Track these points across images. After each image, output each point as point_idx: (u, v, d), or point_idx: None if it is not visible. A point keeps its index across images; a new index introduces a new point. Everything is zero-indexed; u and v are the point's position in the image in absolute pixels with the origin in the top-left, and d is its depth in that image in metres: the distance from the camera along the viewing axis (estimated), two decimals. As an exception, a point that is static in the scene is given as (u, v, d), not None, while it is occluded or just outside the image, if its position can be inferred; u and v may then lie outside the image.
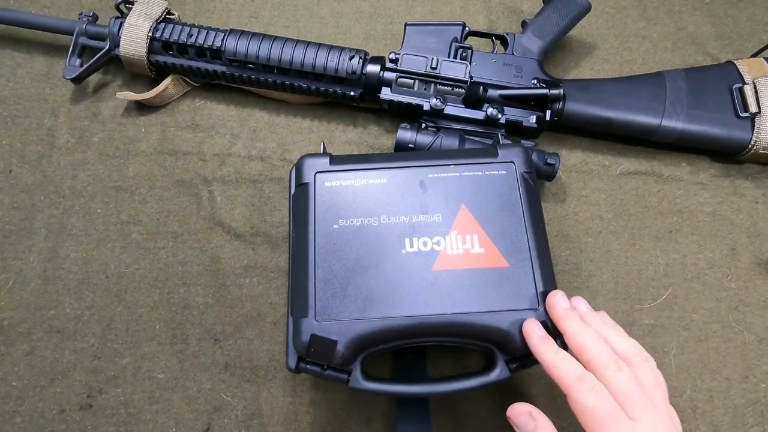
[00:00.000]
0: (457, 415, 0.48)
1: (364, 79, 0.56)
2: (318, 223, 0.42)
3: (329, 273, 0.40)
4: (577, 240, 0.55)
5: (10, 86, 0.62)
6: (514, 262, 0.40)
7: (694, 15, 0.66)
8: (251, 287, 0.53)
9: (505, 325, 0.38)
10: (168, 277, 0.54)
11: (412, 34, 0.56)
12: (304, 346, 0.38)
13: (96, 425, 0.48)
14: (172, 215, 0.56)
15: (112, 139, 0.60)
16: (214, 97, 0.62)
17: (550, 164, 0.52)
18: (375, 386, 0.40)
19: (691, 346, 0.51)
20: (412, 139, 0.53)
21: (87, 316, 0.52)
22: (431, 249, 0.41)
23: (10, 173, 0.58)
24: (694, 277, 0.53)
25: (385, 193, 0.43)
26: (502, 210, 0.42)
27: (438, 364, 0.50)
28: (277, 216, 0.56)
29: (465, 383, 0.40)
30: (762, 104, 0.54)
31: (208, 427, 0.48)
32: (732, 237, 0.55)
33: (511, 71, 0.57)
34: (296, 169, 0.45)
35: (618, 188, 0.57)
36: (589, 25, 0.65)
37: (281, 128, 0.61)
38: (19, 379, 0.50)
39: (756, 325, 0.52)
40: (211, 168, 0.58)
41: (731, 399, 0.49)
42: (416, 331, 0.39)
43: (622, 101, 0.55)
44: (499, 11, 0.67)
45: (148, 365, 0.50)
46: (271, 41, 0.56)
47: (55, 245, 0.55)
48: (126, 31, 0.57)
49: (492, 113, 0.54)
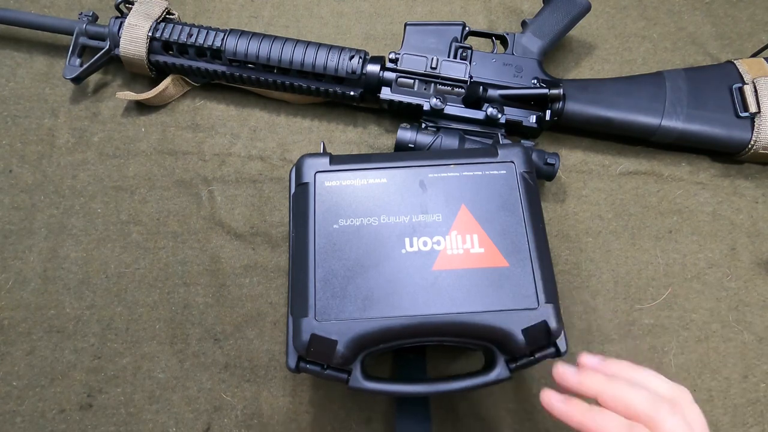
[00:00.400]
0: (457, 415, 0.48)
1: (364, 79, 0.56)
2: (318, 222, 0.42)
3: (329, 273, 0.40)
4: (577, 240, 0.55)
5: (10, 86, 0.62)
6: (514, 262, 0.40)
7: (694, 15, 0.66)
8: (251, 287, 0.53)
9: (505, 324, 0.38)
10: (168, 276, 0.54)
11: (412, 34, 0.56)
12: (304, 345, 0.38)
13: (96, 425, 0.48)
14: (172, 215, 0.56)
15: (112, 139, 0.60)
16: (214, 97, 0.62)
17: (550, 164, 0.52)
18: (375, 386, 0.40)
19: (691, 346, 0.51)
20: (412, 139, 0.53)
21: (87, 315, 0.52)
22: (431, 249, 0.41)
23: (10, 173, 0.58)
24: (694, 277, 0.53)
25: (385, 193, 0.43)
26: (502, 210, 0.42)
27: (438, 364, 0.50)
28: (277, 216, 0.56)
29: (465, 383, 0.40)
30: (762, 104, 0.54)
31: (208, 426, 0.48)
32: (732, 237, 0.55)
33: (511, 71, 0.57)
34: (296, 168, 0.45)
35: (618, 188, 0.57)
36: (589, 25, 0.65)
37: (281, 128, 0.61)
38: (19, 378, 0.50)
39: (756, 325, 0.52)
40: (211, 168, 0.58)
41: (731, 398, 0.49)
42: (416, 331, 0.39)
43: (622, 101, 0.55)
44: (499, 11, 0.67)
45: (148, 365, 0.50)
46: (271, 41, 0.56)
47: (55, 245, 0.55)
48: (126, 31, 0.57)
49: (492, 113, 0.54)
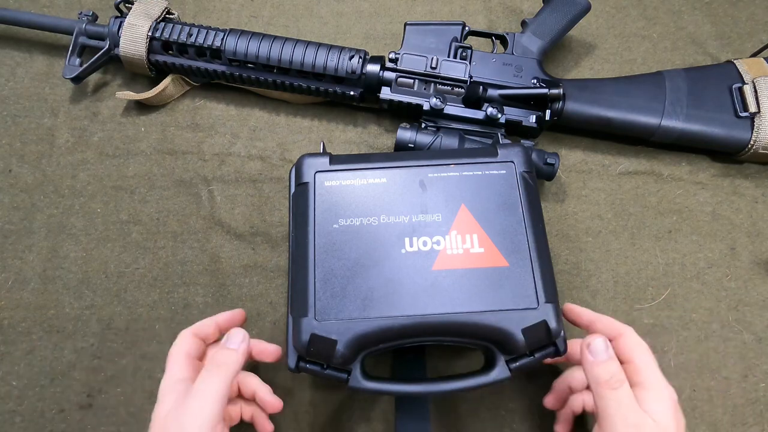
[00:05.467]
0: (457, 415, 0.48)
1: (363, 79, 0.56)
2: (318, 222, 0.42)
3: (329, 272, 0.40)
4: (576, 239, 0.55)
5: (10, 86, 0.62)
6: (514, 262, 0.40)
7: (694, 15, 0.66)
8: (251, 287, 0.53)
9: (504, 324, 0.38)
10: (168, 276, 0.54)
11: (411, 33, 0.56)
12: (303, 345, 0.38)
13: (96, 425, 0.48)
14: (172, 215, 0.56)
15: (111, 138, 0.60)
16: (213, 96, 0.62)
17: (550, 164, 0.52)
18: (375, 385, 0.40)
19: (690, 346, 0.51)
20: (412, 138, 0.53)
21: (87, 315, 0.52)
22: (431, 248, 0.41)
23: (9, 173, 0.58)
24: (694, 277, 0.53)
25: (385, 193, 0.43)
26: (502, 209, 0.42)
27: (438, 364, 0.50)
28: (277, 216, 0.56)
29: (465, 383, 0.40)
30: (761, 104, 0.54)
31: (207, 426, 0.48)
32: (731, 237, 0.55)
33: (511, 71, 0.57)
34: (296, 168, 0.45)
35: (618, 188, 0.57)
36: (589, 25, 0.65)
37: (281, 128, 0.61)
38: (19, 378, 0.50)
39: (755, 325, 0.52)
40: (210, 168, 0.58)
41: (731, 398, 0.49)
42: (416, 331, 0.39)
43: (622, 101, 0.55)
44: (499, 11, 0.67)
45: (148, 365, 0.50)
46: (271, 41, 0.56)
47: (54, 245, 0.55)
48: (126, 31, 0.57)
49: (492, 113, 0.54)
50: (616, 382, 0.35)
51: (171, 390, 0.37)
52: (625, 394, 0.35)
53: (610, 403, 0.35)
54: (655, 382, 0.37)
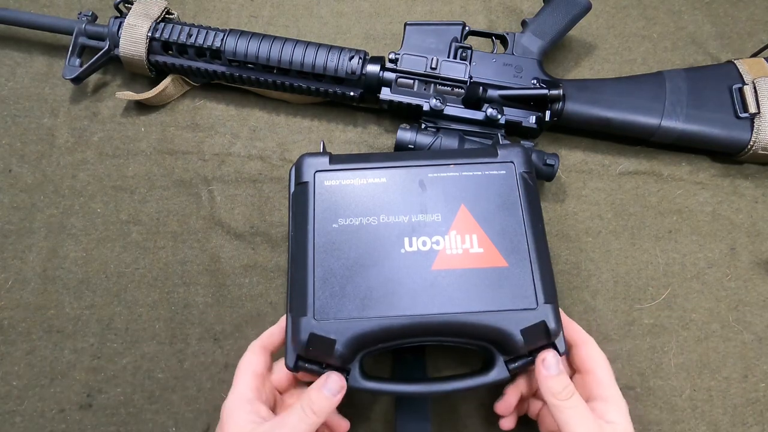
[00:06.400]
0: (457, 415, 0.48)
1: (363, 80, 0.56)
2: (317, 222, 0.42)
3: (328, 272, 0.40)
4: (576, 240, 0.55)
5: (10, 86, 0.62)
6: (514, 262, 0.40)
7: (694, 15, 0.66)
8: (251, 287, 0.53)
9: (504, 324, 0.38)
10: (168, 276, 0.54)
11: (411, 33, 0.56)
12: (302, 344, 0.38)
13: (96, 425, 0.48)
14: (172, 215, 0.56)
15: (111, 138, 0.60)
16: (213, 96, 0.62)
17: (550, 165, 0.52)
18: (374, 385, 0.40)
19: (690, 346, 0.51)
20: (412, 139, 0.53)
21: (87, 315, 0.52)
22: (430, 248, 0.41)
23: (9, 173, 0.58)
24: (694, 277, 0.53)
25: (385, 193, 0.43)
26: (502, 210, 0.42)
27: (438, 364, 0.50)
28: (277, 216, 0.56)
29: (465, 383, 0.40)
30: (761, 105, 0.54)
31: (207, 426, 0.48)
32: (732, 237, 0.55)
33: (511, 71, 0.57)
34: (296, 168, 0.45)
35: (618, 188, 0.57)
36: (589, 25, 0.65)
37: (281, 128, 0.61)
38: (19, 378, 0.50)
39: (755, 325, 0.52)
40: (210, 168, 0.58)
41: (731, 398, 0.49)
42: (415, 331, 0.39)
43: (622, 101, 0.55)
44: (499, 11, 0.67)
45: (148, 365, 0.50)
46: (271, 41, 0.56)
47: (54, 245, 0.55)
48: (125, 31, 0.57)
49: (492, 113, 0.54)
50: (568, 393, 0.38)
51: (238, 409, 0.38)
52: (579, 402, 0.38)
53: (569, 412, 0.37)
54: (615, 395, 0.39)
